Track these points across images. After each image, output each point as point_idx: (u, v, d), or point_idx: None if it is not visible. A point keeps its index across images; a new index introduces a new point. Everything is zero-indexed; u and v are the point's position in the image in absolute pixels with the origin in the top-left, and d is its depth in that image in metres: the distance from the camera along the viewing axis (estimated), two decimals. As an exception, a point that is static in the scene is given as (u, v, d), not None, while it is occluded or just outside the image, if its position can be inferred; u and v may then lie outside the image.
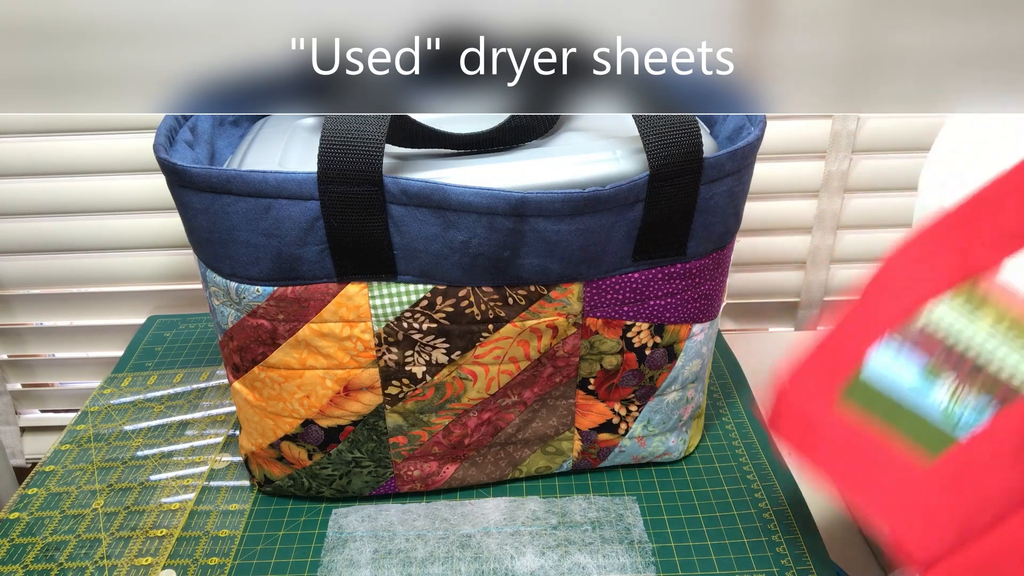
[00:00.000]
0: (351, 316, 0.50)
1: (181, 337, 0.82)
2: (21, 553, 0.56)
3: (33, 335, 0.90)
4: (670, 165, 0.47)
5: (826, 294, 0.89)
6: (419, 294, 0.50)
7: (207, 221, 0.48)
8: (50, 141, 0.79)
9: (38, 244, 0.84)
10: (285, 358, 0.52)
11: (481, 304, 0.50)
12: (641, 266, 0.52)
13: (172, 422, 0.69)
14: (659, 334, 0.54)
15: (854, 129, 0.79)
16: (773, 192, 0.83)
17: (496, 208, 0.46)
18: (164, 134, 0.50)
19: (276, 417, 0.55)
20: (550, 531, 0.56)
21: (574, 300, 0.52)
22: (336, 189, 0.46)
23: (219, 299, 0.51)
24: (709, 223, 0.51)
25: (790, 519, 0.57)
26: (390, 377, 0.53)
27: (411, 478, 0.58)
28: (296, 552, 0.55)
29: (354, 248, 0.48)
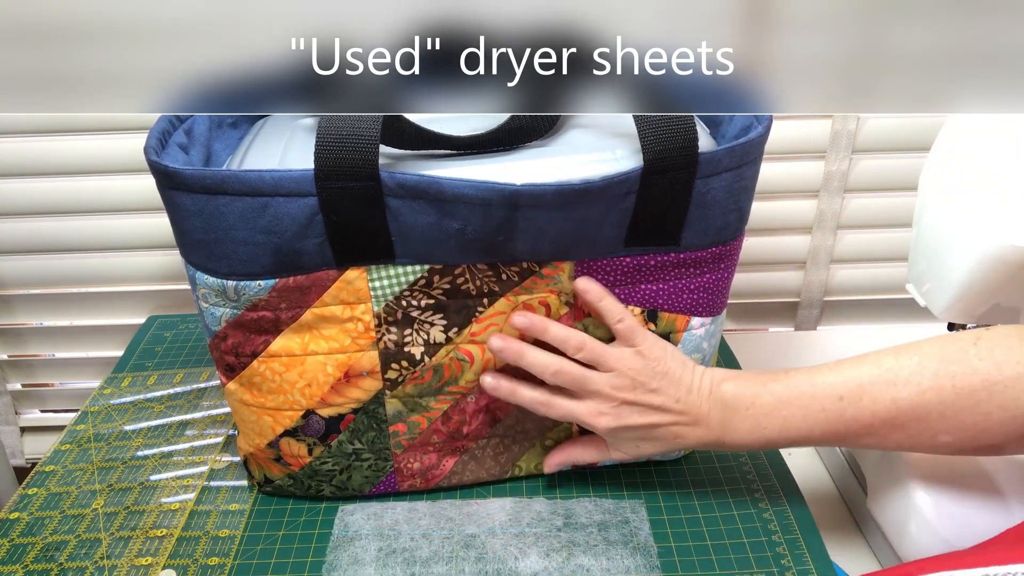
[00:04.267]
0: (351, 299, 0.51)
1: (181, 337, 0.82)
2: (21, 553, 0.56)
3: (33, 335, 0.90)
4: (664, 159, 0.48)
5: (826, 294, 0.89)
6: (416, 274, 0.51)
7: (201, 222, 0.48)
8: (50, 141, 0.79)
9: (38, 244, 0.84)
10: (288, 344, 0.52)
11: (476, 280, 0.52)
12: (633, 251, 0.52)
13: (172, 422, 0.69)
14: (653, 320, 0.55)
15: (854, 129, 0.79)
16: (773, 192, 0.83)
17: (490, 200, 0.47)
18: (156, 136, 0.50)
19: (275, 412, 0.55)
20: (555, 533, 0.56)
21: (565, 278, 0.53)
22: (333, 185, 0.46)
23: (210, 300, 0.51)
24: (706, 216, 0.51)
25: (790, 519, 0.57)
26: (389, 360, 0.53)
27: (411, 472, 0.58)
28: (296, 552, 0.55)
29: (353, 238, 0.49)
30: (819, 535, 0.56)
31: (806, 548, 0.55)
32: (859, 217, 0.85)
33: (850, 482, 0.66)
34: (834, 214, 0.84)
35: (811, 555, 0.54)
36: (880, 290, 0.89)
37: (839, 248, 0.86)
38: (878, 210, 0.85)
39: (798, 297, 0.90)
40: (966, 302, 0.55)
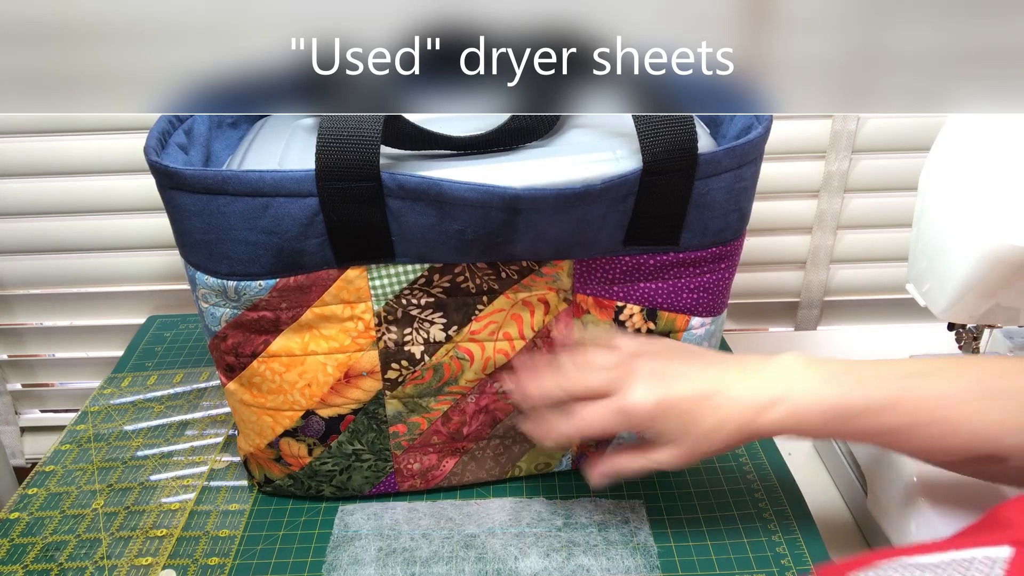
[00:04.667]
0: (352, 298, 0.51)
1: (181, 337, 0.82)
2: (21, 553, 0.56)
3: (33, 335, 0.90)
4: (663, 160, 0.48)
5: (826, 294, 0.89)
6: (416, 273, 0.51)
7: (201, 222, 0.48)
8: (50, 141, 0.79)
9: (38, 244, 0.84)
10: (288, 344, 0.52)
11: (476, 278, 0.52)
12: (632, 251, 0.52)
13: (172, 422, 0.69)
14: (652, 319, 0.55)
15: (854, 129, 0.79)
16: (773, 192, 0.83)
17: (490, 203, 0.47)
18: (156, 137, 0.50)
19: (275, 412, 0.55)
20: (555, 532, 0.56)
21: (564, 276, 0.53)
22: (334, 185, 0.46)
23: (210, 300, 0.51)
24: (706, 217, 0.51)
25: (790, 519, 0.57)
26: (389, 359, 0.53)
27: (411, 472, 0.58)
28: (296, 552, 0.55)
29: (354, 238, 0.49)
30: (819, 535, 0.56)
31: (806, 548, 0.55)
32: (859, 217, 0.85)
33: (850, 482, 0.66)
34: (834, 214, 0.84)
35: (811, 555, 0.54)
36: (880, 290, 0.89)
37: (839, 248, 0.86)
38: (878, 210, 0.85)
39: (798, 297, 0.90)
40: (966, 302, 0.55)
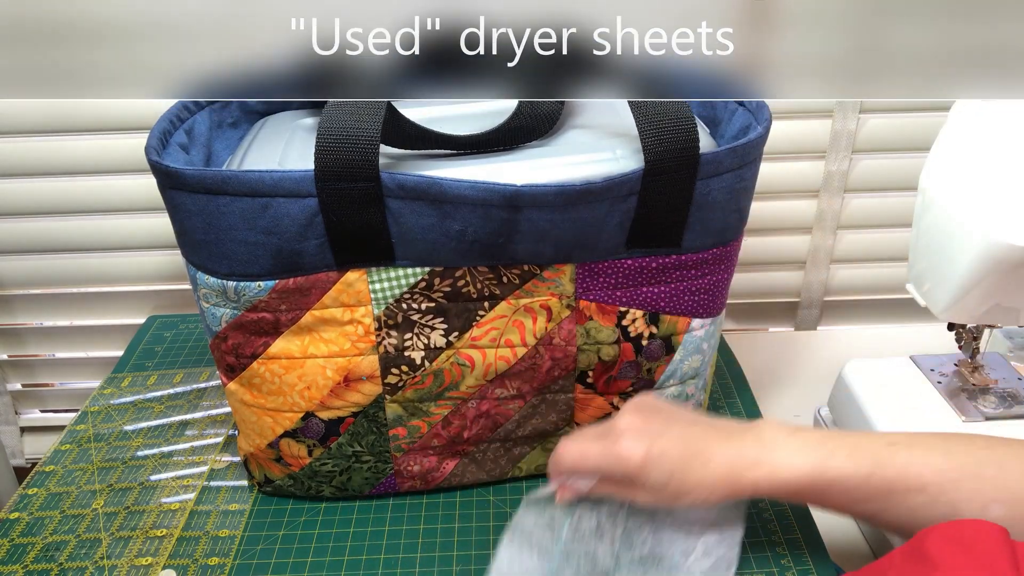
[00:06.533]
0: (351, 301, 0.51)
1: (181, 337, 0.82)
2: (21, 553, 0.56)
3: (33, 335, 0.90)
4: (665, 160, 0.48)
5: (826, 294, 0.89)
6: (417, 276, 0.51)
7: (202, 222, 0.48)
8: (50, 141, 0.79)
9: (38, 244, 0.84)
10: (287, 346, 0.52)
11: (477, 283, 0.51)
12: (634, 253, 0.52)
13: (172, 422, 0.69)
14: (655, 323, 0.55)
15: (854, 129, 0.79)
16: (773, 192, 0.83)
17: (491, 200, 0.47)
18: (157, 137, 0.50)
19: (275, 413, 0.55)
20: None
21: (566, 281, 0.52)
22: (334, 186, 0.46)
23: (211, 300, 0.51)
24: (707, 218, 0.51)
25: (790, 519, 0.57)
26: (389, 364, 0.53)
27: (411, 474, 0.58)
28: (296, 552, 0.55)
29: (353, 239, 0.49)
30: (819, 535, 0.56)
31: (806, 548, 0.55)
32: (859, 217, 0.85)
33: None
34: (834, 214, 0.84)
35: (811, 555, 0.54)
36: (880, 290, 0.89)
37: (839, 248, 0.86)
38: (878, 210, 0.85)
39: (798, 297, 0.90)
40: (966, 302, 0.55)
